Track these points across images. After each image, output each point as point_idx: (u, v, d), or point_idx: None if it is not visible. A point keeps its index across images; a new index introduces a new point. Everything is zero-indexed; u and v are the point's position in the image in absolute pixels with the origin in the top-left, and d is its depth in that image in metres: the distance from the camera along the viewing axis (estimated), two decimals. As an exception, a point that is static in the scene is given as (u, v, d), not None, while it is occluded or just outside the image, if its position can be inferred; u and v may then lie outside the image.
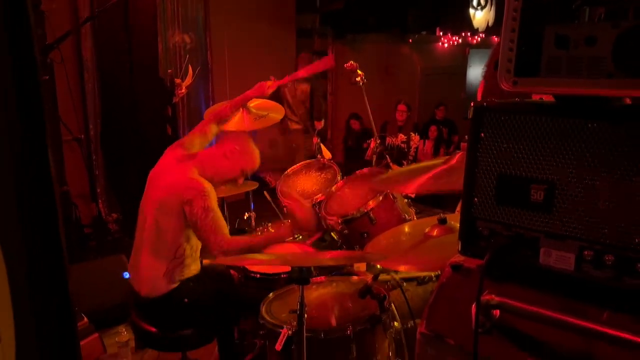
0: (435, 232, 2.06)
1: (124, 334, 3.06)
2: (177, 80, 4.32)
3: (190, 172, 2.29)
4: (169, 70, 5.01)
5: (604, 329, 0.89)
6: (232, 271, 2.70)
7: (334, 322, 1.96)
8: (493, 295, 0.99)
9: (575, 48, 0.94)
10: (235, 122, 3.36)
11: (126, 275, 3.42)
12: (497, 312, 1.01)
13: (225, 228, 2.23)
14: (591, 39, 0.92)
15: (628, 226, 0.90)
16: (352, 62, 3.67)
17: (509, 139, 1.01)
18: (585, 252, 0.94)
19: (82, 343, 2.75)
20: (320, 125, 5.29)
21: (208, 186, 2.25)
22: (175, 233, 2.26)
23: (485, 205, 1.05)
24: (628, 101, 1.02)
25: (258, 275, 2.63)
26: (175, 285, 2.30)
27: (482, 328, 1.00)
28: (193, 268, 2.38)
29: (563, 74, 0.94)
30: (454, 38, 8.97)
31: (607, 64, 0.91)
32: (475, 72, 9.04)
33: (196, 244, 2.35)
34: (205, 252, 2.47)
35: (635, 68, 0.88)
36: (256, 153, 2.46)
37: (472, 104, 1.04)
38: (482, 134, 1.03)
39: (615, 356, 0.89)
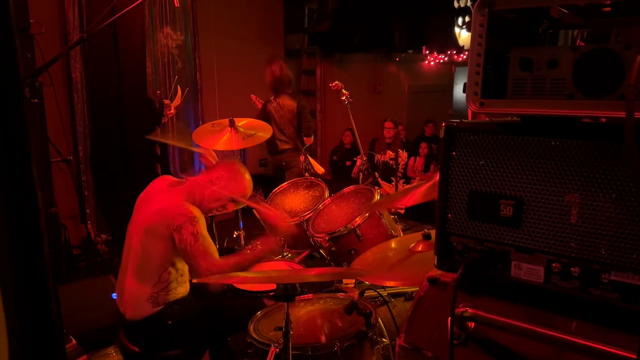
0: (420, 248, 2.09)
1: (113, 355, 3.04)
2: (166, 101, 4.36)
3: (180, 198, 2.31)
4: (158, 92, 5.06)
5: (572, 338, 0.92)
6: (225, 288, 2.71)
7: (321, 338, 1.97)
8: (467, 308, 1.03)
9: (538, 70, 0.99)
10: (224, 142, 3.41)
11: (115, 296, 3.40)
12: (471, 324, 1.04)
13: (215, 252, 2.24)
14: (553, 61, 0.97)
15: (594, 239, 0.95)
16: (337, 82, 3.74)
17: (479, 157, 1.05)
18: (553, 265, 0.98)
19: (70, 365, 2.73)
20: (309, 141, 5.31)
21: (197, 213, 2.26)
22: (162, 258, 2.27)
23: (458, 221, 1.09)
24: (603, 119, 1.07)
25: (246, 294, 2.65)
26: (159, 308, 2.30)
27: (457, 340, 1.04)
28: (180, 291, 2.38)
29: (527, 95, 0.99)
30: (440, 56, 9.14)
31: (568, 85, 0.96)
32: (462, 89, 9.16)
33: (182, 267, 2.35)
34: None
35: (594, 89, 0.94)
36: (246, 180, 2.45)
37: (443, 124, 1.09)
38: (454, 153, 1.08)
39: (583, 364, 0.92)
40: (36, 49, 3.47)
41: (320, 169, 4.15)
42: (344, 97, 3.73)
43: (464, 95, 1.07)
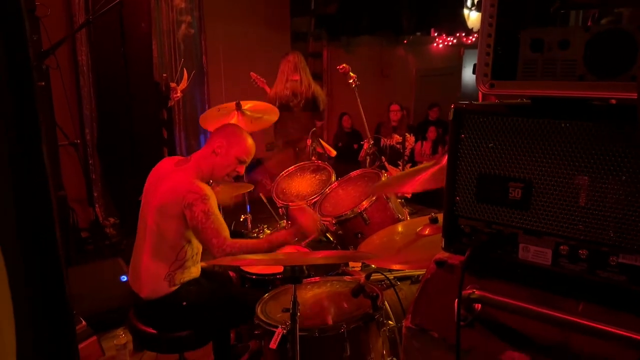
0: (426, 231, 2.09)
1: (122, 336, 3.09)
2: (173, 84, 4.35)
3: (190, 176, 2.34)
4: (164, 75, 5.04)
5: (579, 320, 0.93)
6: (230, 272, 2.74)
7: (328, 320, 1.99)
8: (474, 290, 1.03)
9: (549, 51, 0.98)
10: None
11: (124, 278, 3.45)
12: (478, 306, 1.05)
13: (226, 231, 2.27)
14: (564, 42, 0.96)
15: (602, 221, 0.94)
16: (344, 65, 3.72)
17: (488, 140, 1.05)
18: (561, 247, 0.98)
19: (80, 346, 2.78)
20: (319, 123, 5.28)
21: (208, 191, 2.29)
22: (177, 236, 2.30)
23: (467, 204, 1.09)
24: (613, 101, 1.06)
25: (254, 277, 2.67)
26: (175, 287, 2.33)
27: (464, 321, 1.04)
28: (193, 271, 2.41)
29: (538, 77, 0.98)
30: (448, 39, 9.04)
31: (579, 66, 0.95)
32: (471, 72, 9.06)
33: (197, 246, 2.39)
34: (204, 254, 2.50)
35: (605, 70, 0.92)
36: (245, 138, 2.47)
37: (452, 106, 1.08)
38: (462, 135, 1.07)
39: (589, 345, 0.93)
40: (42, 32, 3.46)
41: (332, 152, 4.15)
42: (351, 81, 3.71)
43: (473, 78, 1.05)
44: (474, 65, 1.02)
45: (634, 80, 0.86)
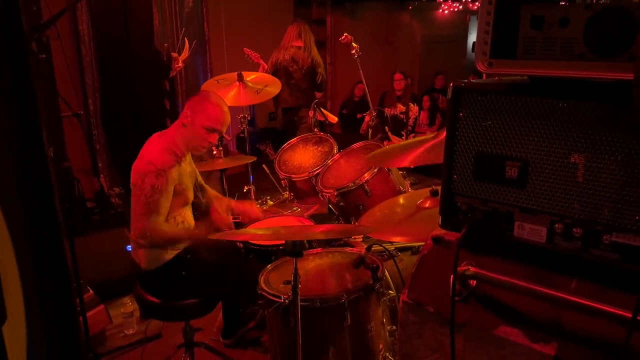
0: (427, 204, 2.11)
1: (129, 305, 3.17)
2: (174, 55, 4.31)
3: (159, 146, 2.32)
4: (165, 44, 4.98)
5: (571, 297, 0.95)
6: (238, 243, 2.78)
7: (330, 291, 2.04)
8: (469, 267, 1.05)
9: (549, 29, 0.97)
10: (232, 97, 3.40)
11: (129, 248, 3.50)
12: (473, 282, 1.07)
13: (162, 215, 2.26)
14: (564, 20, 0.95)
15: (597, 200, 0.95)
16: (346, 34, 3.65)
17: (486, 118, 1.05)
18: (556, 226, 0.99)
19: (88, 314, 2.84)
20: (319, 95, 5.24)
21: (167, 166, 2.25)
22: None
23: (464, 182, 1.10)
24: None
25: (257, 247, 2.71)
26: (169, 256, 2.36)
27: (459, 296, 1.07)
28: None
29: (537, 56, 0.98)
30: (454, 4, 8.85)
31: (579, 45, 0.94)
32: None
33: (183, 214, 2.43)
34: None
35: (605, 49, 0.92)
36: (211, 105, 2.37)
37: (451, 84, 1.08)
38: (461, 114, 1.07)
39: (581, 322, 0.95)
40: (41, 2, 3.41)
41: (333, 119, 4.13)
42: (353, 51, 3.66)
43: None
44: (473, 43, 1.02)
45: (633, 61, 0.86)
